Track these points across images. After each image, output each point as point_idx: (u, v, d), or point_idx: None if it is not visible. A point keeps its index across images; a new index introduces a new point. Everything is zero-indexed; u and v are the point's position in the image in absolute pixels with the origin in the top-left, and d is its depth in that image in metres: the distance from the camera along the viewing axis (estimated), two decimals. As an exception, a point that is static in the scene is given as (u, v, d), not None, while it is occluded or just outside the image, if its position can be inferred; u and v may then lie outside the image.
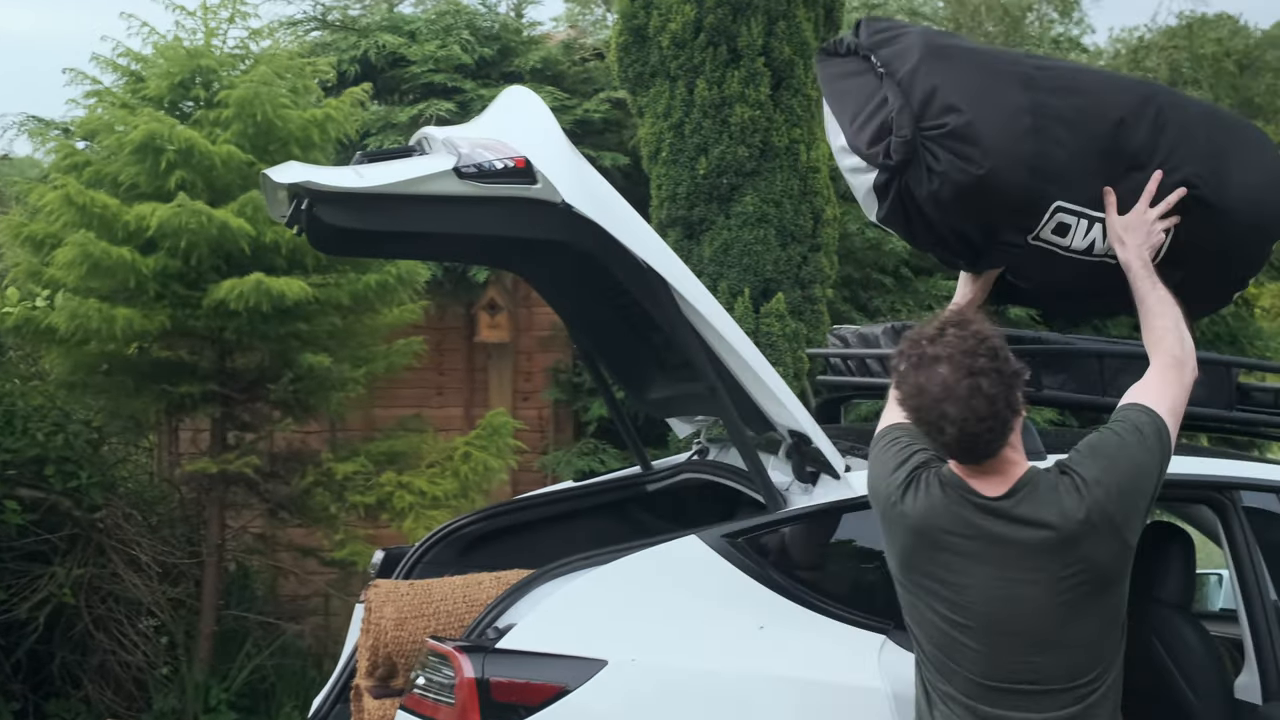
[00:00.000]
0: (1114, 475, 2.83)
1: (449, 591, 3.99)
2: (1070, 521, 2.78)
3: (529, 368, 8.49)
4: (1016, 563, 2.81)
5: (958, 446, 2.82)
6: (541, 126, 3.56)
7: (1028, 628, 2.81)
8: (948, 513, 2.86)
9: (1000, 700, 2.84)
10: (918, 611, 2.97)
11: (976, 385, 2.75)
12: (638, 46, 7.32)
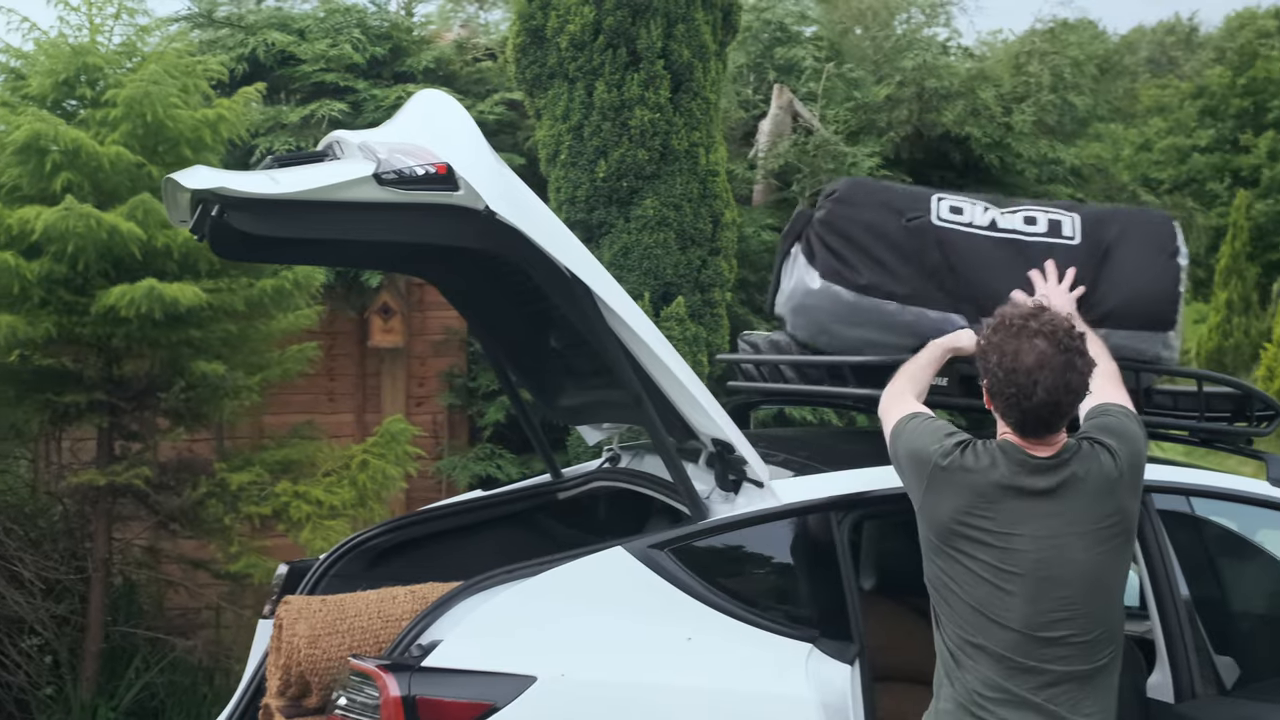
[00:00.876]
0: (1127, 445, 3.26)
1: (363, 607, 3.91)
2: (1109, 476, 3.18)
3: (422, 373, 8.37)
4: (1065, 514, 3.14)
5: (1039, 412, 3.15)
6: (462, 132, 3.49)
7: (1069, 575, 3.12)
8: (1007, 470, 3.16)
9: (1034, 651, 3.10)
10: (956, 570, 3.19)
11: (1070, 362, 3.14)
12: (535, 48, 7.25)
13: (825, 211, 4.00)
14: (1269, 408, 4.18)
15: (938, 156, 9.65)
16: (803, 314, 4.03)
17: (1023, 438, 3.22)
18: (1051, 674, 3.12)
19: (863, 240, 3.91)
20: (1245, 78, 33.79)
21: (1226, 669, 3.77)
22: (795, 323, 4.09)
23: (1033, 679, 3.11)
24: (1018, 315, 3.23)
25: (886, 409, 3.55)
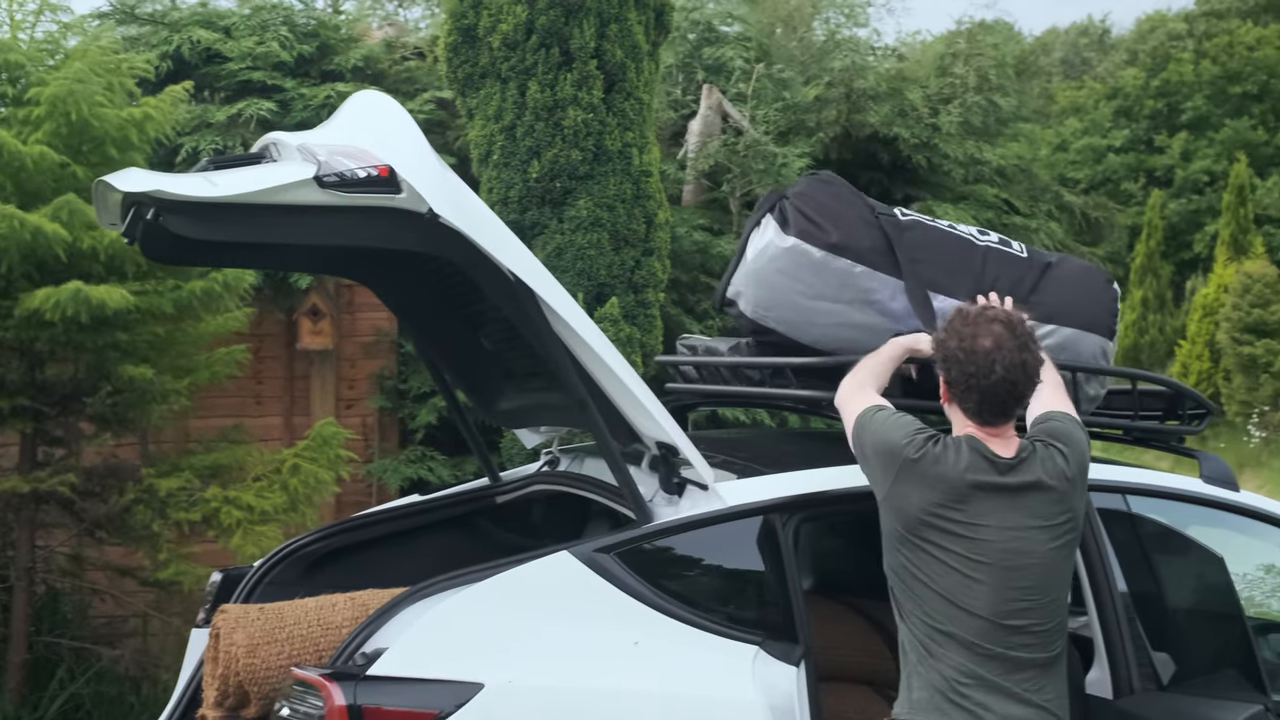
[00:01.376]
0: (1075, 450, 3.40)
1: (302, 615, 3.84)
2: (1064, 477, 3.32)
3: (352, 375, 8.28)
4: (1027, 510, 3.28)
5: (996, 391, 3.30)
6: (403, 133, 3.44)
7: (1031, 566, 3.25)
8: (976, 467, 3.28)
9: (1001, 638, 3.22)
10: (925, 560, 3.28)
11: (1024, 345, 3.32)
12: (467, 47, 7.20)
13: (803, 185, 4.09)
14: (1200, 406, 4.25)
15: (866, 157, 9.73)
16: (764, 279, 4.03)
17: (980, 424, 3.35)
18: (1016, 660, 3.22)
19: (836, 209, 4.00)
20: (1158, 79, 34.43)
21: (1163, 665, 3.82)
22: (754, 294, 4.08)
23: (1000, 665, 3.22)
24: (974, 308, 3.45)
25: (847, 400, 3.57)
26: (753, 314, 4.09)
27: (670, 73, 10.27)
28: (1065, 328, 4.01)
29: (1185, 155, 32.40)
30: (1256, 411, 18.19)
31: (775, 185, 8.72)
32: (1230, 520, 4.10)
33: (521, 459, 6.83)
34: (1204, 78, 33.57)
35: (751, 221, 4.17)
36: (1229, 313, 18.81)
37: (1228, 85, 33.34)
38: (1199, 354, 20.30)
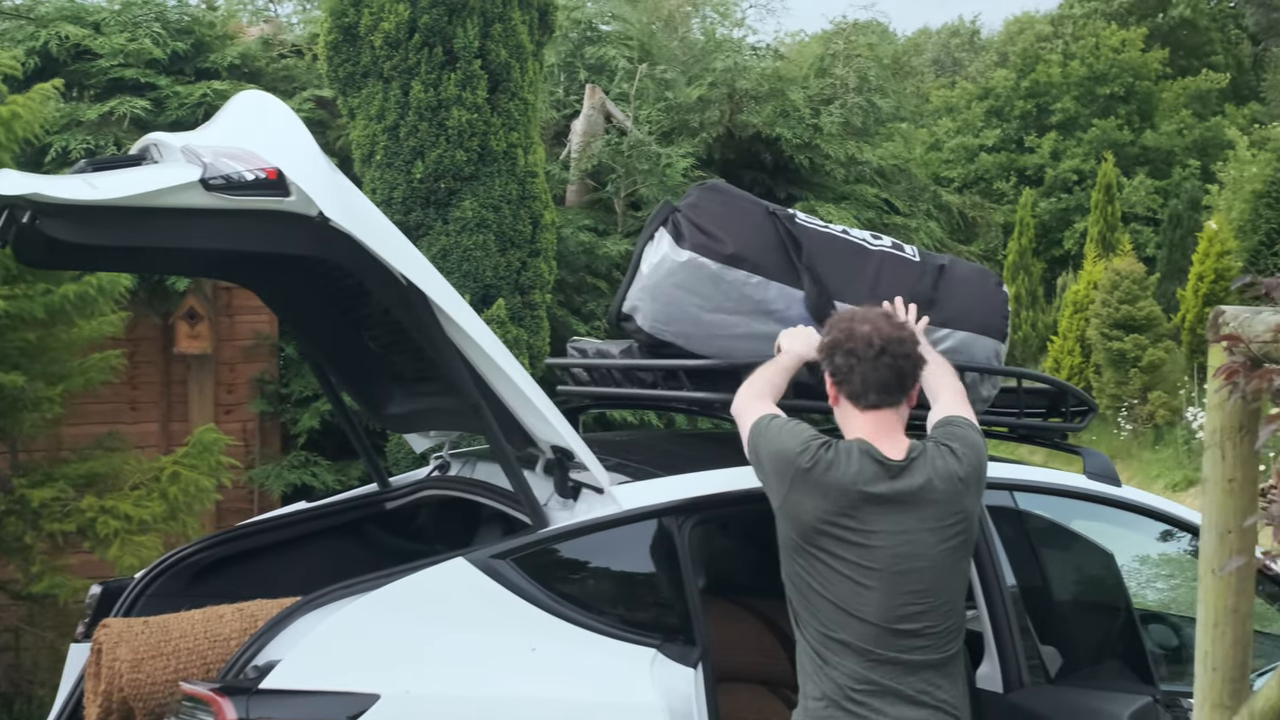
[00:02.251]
0: (971, 452, 3.42)
1: (188, 628, 3.75)
2: (954, 479, 3.34)
3: (231, 379, 8.11)
4: (917, 512, 3.29)
5: (875, 368, 3.35)
6: (291, 135, 3.37)
7: (922, 569, 3.26)
8: (867, 472, 3.28)
9: (892, 643, 3.23)
10: (818, 568, 3.28)
11: (899, 334, 3.40)
12: (348, 45, 7.09)
13: (695, 196, 4.06)
14: (1082, 404, 4.34)
15: (749, 157, 9.79)
16: (661, 295, 4.00)
17: (865, 408, 3.39)
18: (910, 663, 3.24)
19: (730, 219, 3.97)
20: (1028, 80, 35.18)
21: (1050, 658, 3.89)
22: (651, 309, 4.05)
23: (894, 669, 3.23)
24: (854, 308, 3.55)
25: (743, 409, 3.57)
26: (651, 328, 4.07)
27: (552, 72, 10.23)
28: (960, 331, 4.06)
29: (1055, 155, 33.17)
30: (1125, 405, 18.67)
31: (660, 185, 8.74)
32: (1111, 514, 4.19)
33: (408, 464, 6.75)
34: (1072, 79, 34.40)
35: (645, 235, 4.14)
36: (1098, 309, 19.25)
37: (1095, 86, 34.21)
38: (1070, 349, 20.77)
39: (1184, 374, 19.16)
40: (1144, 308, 19.06)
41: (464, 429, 4.46)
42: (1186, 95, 34.71)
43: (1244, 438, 2.27)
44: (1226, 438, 2.27)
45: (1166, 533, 4.41)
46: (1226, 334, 2.17)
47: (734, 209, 4.05)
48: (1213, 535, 2.30)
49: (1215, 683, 2.29)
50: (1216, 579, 2.28)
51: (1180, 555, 5.13)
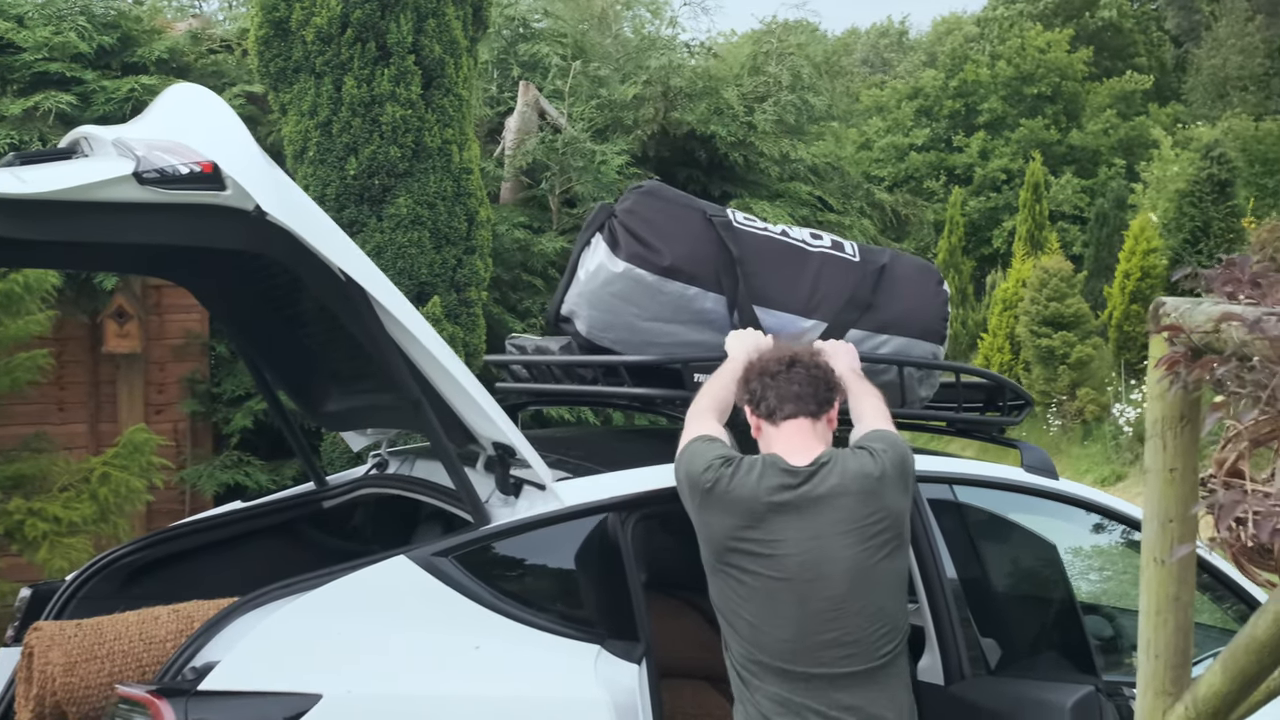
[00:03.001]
0: (892, 449, 3.39)
1: (123, 630, 3.68)
2: (870, 478, 3.29)
3: (161, 379, 8.00)
4: (826, 516, 3.24)
5: (788, 383, 3.37)
6: (226, 127, 3.33)
7: (834, 575, 3.20)
8: (770, 482, 3.26)
9: (811, 656, 3.18)
10: (733, 586, 3.27)
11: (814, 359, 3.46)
12: (279, 40, 7.01)
13: (631, 201, 4.01)
14: (1019, 398, 4.38)
15: (684, 154, 9.80)
16: (599, 303, 3.98)
17: (778, 421, 3.39)
18: (831, 677, 3.18)
19: (667, 227, 3.93)
20: (956, 80, 35.55)
21: (990, 650, 3.92)
22: (589, 315, 4.03)
23: (815, 685, 3.18)
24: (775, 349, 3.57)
25: (686, 429, 3.57)
26: (588, 334, 4.07)
27: (486, 69, 10.18)
28: (898, 337, 4.09)
29: (983, 154, 33.55)
30: (1054, 401, 18.91)
31: (595, 182, 8.73)
32: (1048, 507, 4.23)
33: (343, 463, 6.69)
34: (999, 79, 34.80)
35: (581, 239, 4.11)
36: (1027, 306, 19.47)
37: (1022, 86, 34.63)
38: (1000, 346, 21.00)
39: (1111, 370, 19.44)
40: (1072, 305, 19.31)
41: (403, 426, 4.42)
42: (1111, 96, 35.24)
43: (1185, 427, 2.29)
44: (1167, 427, 2.29)
45: (1102, 525, 4.47)
46: (1167, 325, 2.19)
47: (671, 215, 4.00)
48: (1155, 524, 2.31)
49: (1158, 670, 2.30)
50: (1158, 568, 2.30)
51: (1114, 547, 5.20)
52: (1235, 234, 19.89)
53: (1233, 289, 2.14)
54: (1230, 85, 33.54)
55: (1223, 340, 2.04)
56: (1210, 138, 24.72)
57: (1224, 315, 1.90)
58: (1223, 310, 1.93)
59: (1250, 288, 2.12)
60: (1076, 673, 3.74)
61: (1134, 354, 19.50)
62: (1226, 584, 4.31)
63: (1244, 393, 1.92)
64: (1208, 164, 21.08)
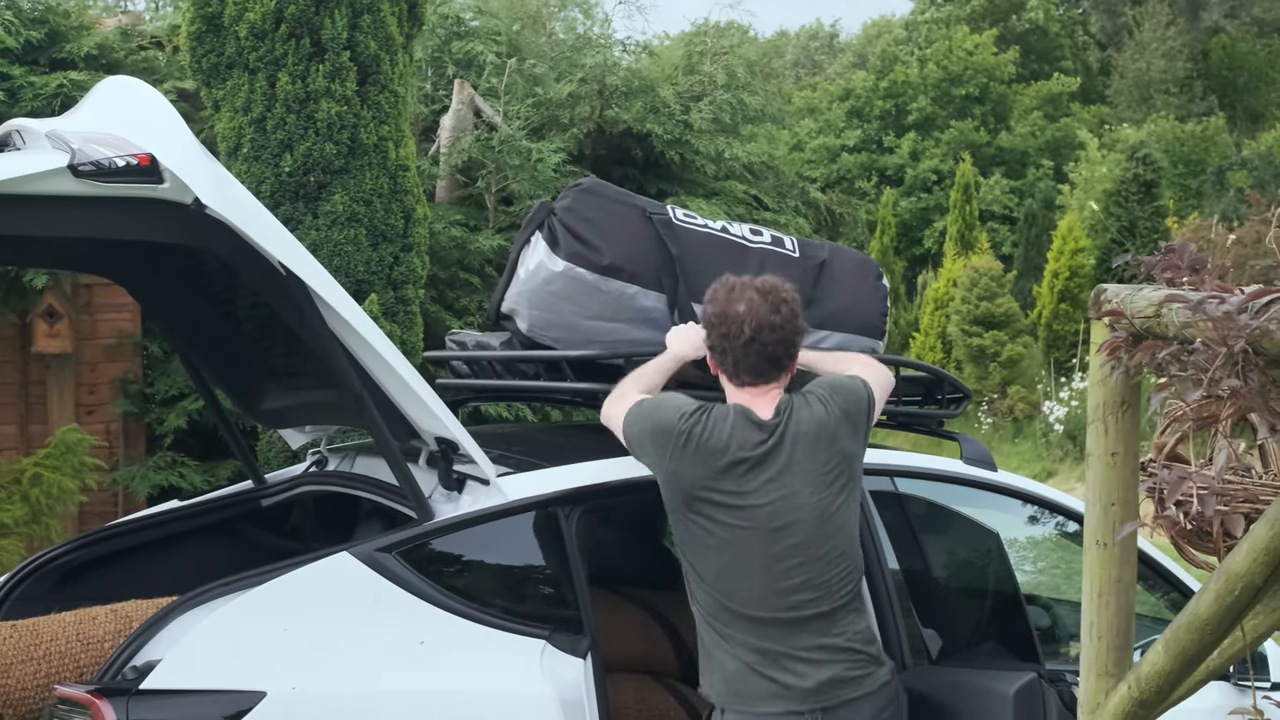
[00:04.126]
0: (841, 395, 3.49)
1: (60, 630, 3.63)
2: (822, 423, 3.39)
3: (93, 379, 7.88)
4: (790, 464, 3.34)
5: (747, 352, 3.39)
6: (163, 121, 3.28)
7: (801, 519, 3.31)
8: (741, 434, 3.34)
9: (779, 600, 3.29)
10: (701, 535, 3.34)
11: (775, 308, 3.41)
12: (212, 36, 6.93)
13: (570, 199, 4.00)
14: (957, 391, 4.42)
15: (620, 153, 9.81)
16: (539, 302, 3.98)
17: (739, 385, 3.44)
18: (800, 619, 3.29)
19: (607, 225, 3.93)
20: (886, 81, 35.83)
21: (931, 640, 3.96)
22: (529, 314, 4.03)
23: (785, 629, 3.29)
24: (737, 278, 3.53)
25: (611, 411, 3.58)
26: (529, 332, 4.07)
27: (420, 67, 10.13)
28: (838, 333, 4.12)
29: (914, 155, 33.83)
30: (986, 400, 19.13)
31: (531, 180, 8.71)
32: (987, 498, 4.28)
33: (280, 461, 6.63)
34: (929, 80, 35.12)
35: (521, 237, 4.11)
36: (958, 306, 19.68)
37: (950, 88, 34.97)
38: (932, 345, 21.19)
39: (1041, 368, 19.69)
40: (1002, 304, 19.54)
41: (344, 423, 4.38)
42: (1039, 98, 35.69)
43: (1126, 412, 2.33)
44: (1109, 412, 2.33)
45: (1040, 516, 4.53)
46: (1109, 310, 2.23)
47: (610, 213, 4.00)
48: (1097, 508, 2.35)
49: (1101, 651, 2.34)
50: (1101, 550, 2.34)
51: (1050, 537, 5.27)
52: (1160, 233, 20.21)
53: (1172, 275, 2.18)
54: (1154, 88, 34.10)
55: (1163, 325, 2.08)
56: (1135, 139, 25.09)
57: (1167, 298, 1.94)
58: (1166, 293, 1.96)
59: (1189, 273, 2.17)
60: (1020, 661, 3.78)
61: (1063, 352, 19.78)
62: (1160, 573, 4.38)
63: (1186, 375, 1.96)
64: (1133, 165, 21.40)
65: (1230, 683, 4.14)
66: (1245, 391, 1.77)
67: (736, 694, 3.30)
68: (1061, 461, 17.03)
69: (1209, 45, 35.31)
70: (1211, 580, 1.93)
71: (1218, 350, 1.79)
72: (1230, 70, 34.82)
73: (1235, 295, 1.94)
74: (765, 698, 3.26)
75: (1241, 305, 1.79)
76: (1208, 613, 1.95)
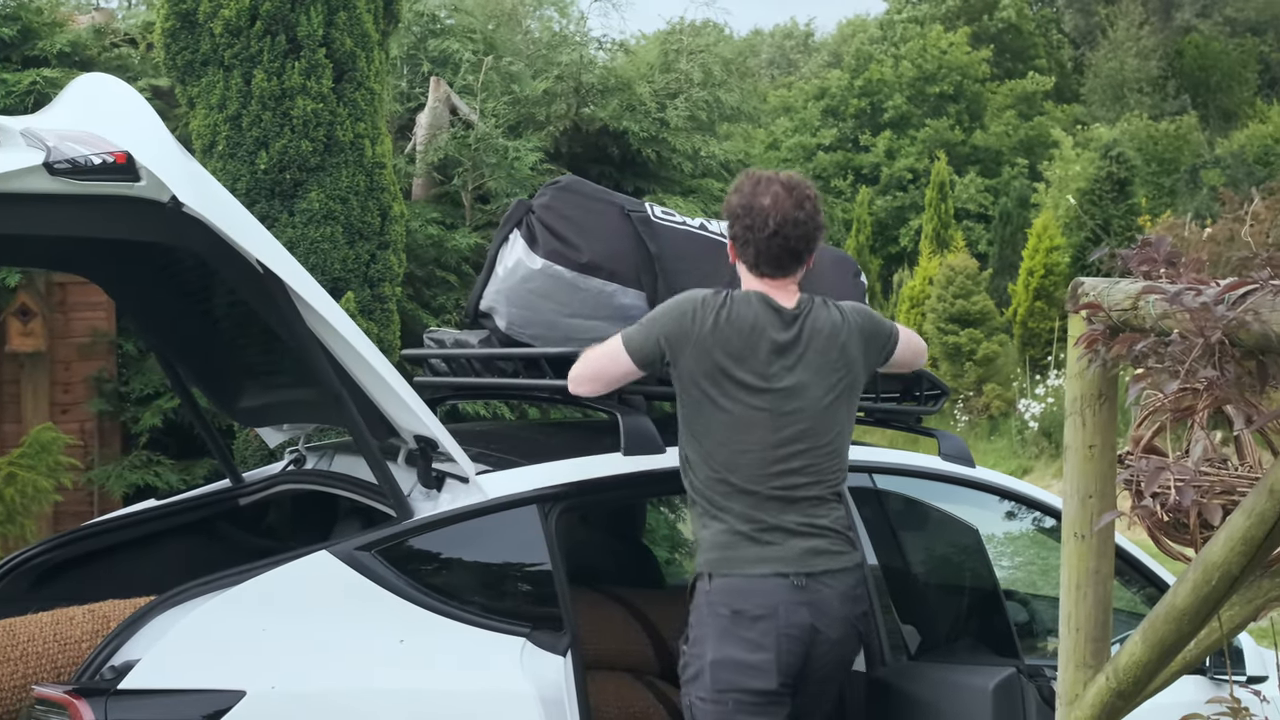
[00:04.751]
0: (859, 314, 3.72)
1: (37, 630, 3.61)
2: (835, 325, 3.61)
3: (67, 378, 7.82)
4: (805, 356, 3.54)
5: (770, 244, 3.56)
6: (139, 117, 3.28)
7: (807, 408, 3.52)
8: (764, 317, 3.54)
9: (776, 480, 3.48)
10: (711, 411, 3.50)
11: (800, 203, 3.59)
12: (186, 33, 6.89)
13: (548, 197, 4.00)
14: (935, 387, 4.44)
15: (597, 151, 9.79)
16: (518, 299, 3.98)
17: (759, 276, 3.61)
18: (793, 498, 3.50)
19: (585, 223, 3.94)
20: (861, 79, 35.94)
21: (909, 635, 3.98)
22: (508, 312, 4.03)
23: (778, 504, 3.48)
24: (764, 172, 3.73)
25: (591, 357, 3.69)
26: (507, 329, 4.07)
27: (396, 65, 10.09)
28: None
29: (890, 154, 33.94)
30: (962, 397, 19.21)
31: (508, 178, 8.69)
32: (966, 495, 4.30)
33: (257, 460, 6.60)
34: (904, 79, 35.24)
35: (500, 235, 4.10)
36: (934, 304, 19.79)
37: (925, 86, 35.10)
38: (907, 342, 21.29)
39: (1017, 366, 19.78)
40: (978, 302, 19.64)
41: (322, 421, 4.38)
42: (1013, 97, 35.84)
43: (1103, 405, 2.35)
44: (1086, 405, 2.35)
45: (1018, 512, 4.55)
46: (1087, 303, 2.24)
47: (589, 211, 4.01)
48: (1074, 500, 2.37)
49: (1079, 643, 2.36)
50: (1079, 542, 2.35)
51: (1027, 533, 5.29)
52: (1135, 231, 20.32)
53: (1149, 268, 2.20)
54: (1127, 87, 34.29)
55: (1140, 317, 2.09)
56: (1109, 138, 25.24)
57: (1145, 289, 1.95)
58: (1143, 285, 1.98)
59: (1166, 266, 2.18)
60: (1000, 656, 3.80)
61: (1038, 350, 19.87)
62: (1134, 566, 4.41)
63: (1163, 366, 1.97)
64: (1107, 163, 21.54)
65: (1207, 676, 4.16)
66: (1222, 383, 1.79)
67: (727, 560, 3.47)
68: (1037, 459, 17.12)
69: (1182, 44, 35.52)
70: (1189, 570, 1.94)
71: (1195, 342, 1.80)
72: (1203, 69, 35.03)
73: (1212, 287, 1.96)
74: (754, 561, 3.45)
75: (1218, 297, 1.80)
76: (1185, 603, 1.96)
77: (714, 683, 3.40)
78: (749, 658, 3.40)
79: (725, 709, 3.40)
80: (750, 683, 3.39)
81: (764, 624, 3.41)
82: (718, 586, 3.47)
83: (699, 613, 3.50)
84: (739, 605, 3.43)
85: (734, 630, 3.42)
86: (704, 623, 3.47)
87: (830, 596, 3.48)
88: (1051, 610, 5.20)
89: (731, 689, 3.40)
